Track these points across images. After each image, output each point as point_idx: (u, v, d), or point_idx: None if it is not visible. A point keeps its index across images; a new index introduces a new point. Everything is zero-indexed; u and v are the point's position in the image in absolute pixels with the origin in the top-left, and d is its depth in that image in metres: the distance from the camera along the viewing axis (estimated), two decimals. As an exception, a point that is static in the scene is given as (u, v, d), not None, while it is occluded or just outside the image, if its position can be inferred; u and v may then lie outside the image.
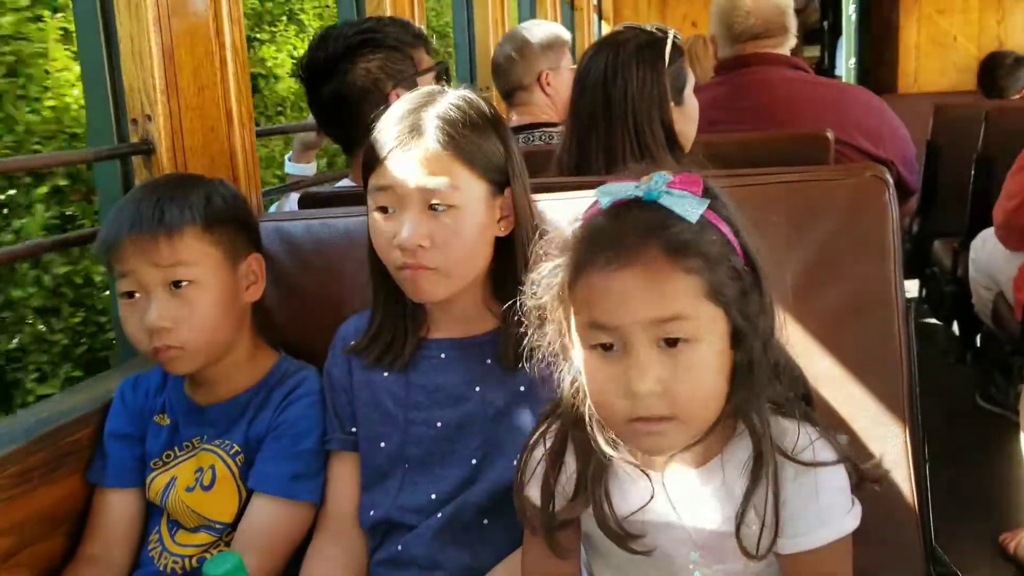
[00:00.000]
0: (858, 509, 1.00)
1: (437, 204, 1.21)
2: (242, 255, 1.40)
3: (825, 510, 0.97)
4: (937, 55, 5.91)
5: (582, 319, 0.94)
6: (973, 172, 3.58)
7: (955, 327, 3.98)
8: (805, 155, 2.42)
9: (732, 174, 1.60)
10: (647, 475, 1.03)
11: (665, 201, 0.92)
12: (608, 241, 0.92)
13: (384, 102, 1.86)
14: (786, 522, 0.97)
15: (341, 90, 1.87)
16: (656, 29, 1.93)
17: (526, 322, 1.04)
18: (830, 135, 2.45)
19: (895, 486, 1.32)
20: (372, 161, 1.25)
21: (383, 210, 1.24)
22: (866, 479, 1.01)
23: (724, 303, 0.92)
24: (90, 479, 1.42)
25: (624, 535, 1.02)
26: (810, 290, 1.36)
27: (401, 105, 1.27)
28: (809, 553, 0.98)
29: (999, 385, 3.38)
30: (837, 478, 0.98)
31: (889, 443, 1.32)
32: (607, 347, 0.92)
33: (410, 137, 1.21)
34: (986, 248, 3.24)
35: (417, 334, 1.33)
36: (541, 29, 2.94)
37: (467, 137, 1.22)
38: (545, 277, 0.99)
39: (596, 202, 0.97)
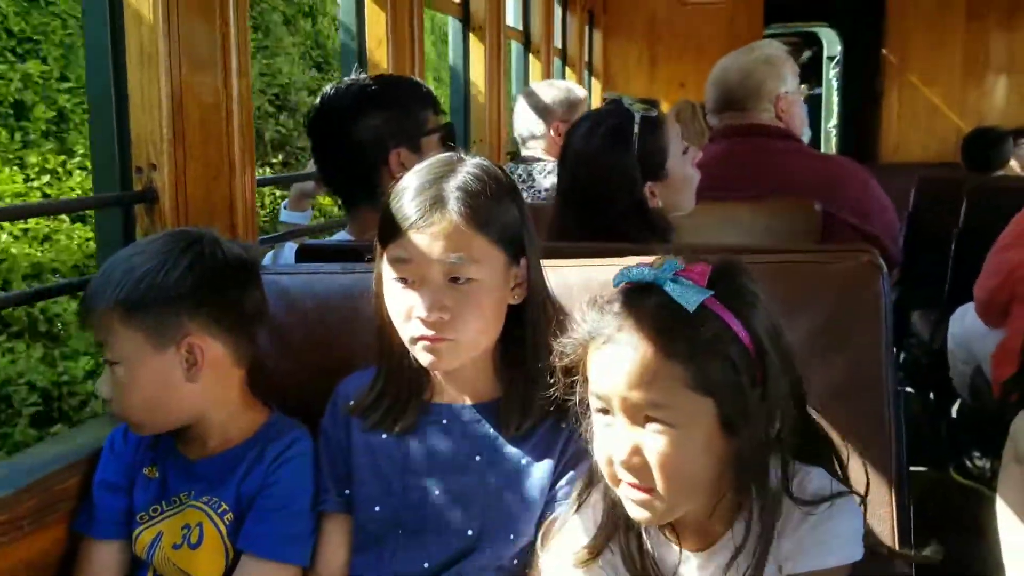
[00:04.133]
0: (861, 546, 1.05)
1: (458, 277, 1.22)
2: (174, 339, 1.33)
3: (841, 534, 1.03)
4: (919, 125, 6.03)
5: (592, 382, 1.02)
6: (954, 246, 3.65)
7: (930, 397, 4.02)
8: (793, 226, 2.48)
9: (725, 250, 1.64)
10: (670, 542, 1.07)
11: (669, 288, 0.98)
12: (612, 320, 0.99)
13: (385, 159, 1.89)
14: (804, 539, 1.02)
15: (346, 144, 1.89)
16: (628, 105, 1.97)
17: (552, 381, 1.10)
18: (818, 208, 2.51)
19: (881, 566, 1.33)
20: (392, 232, 1.24)
21: (403, 281, 1.24)
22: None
23: (712, 394, 0.97)
24: (77, 528, 1.41)
25: None
26: (801, 371, 1.38)
27: (420, 176, 1.26)
28: (812, 573, 1.02)
29: (973, 459, 3.42)
30: (853, 510, 1.05)
31: (877, 522, 1.33)
32: (605, 412, 1.01)
33: (432, 211, 1.21)
34: (966, 323, 3.29)
35: (421, 398, 1.32)
36: (555, 89, 3.30)
37: (487, 208, 1.23)
38: (568, 344, 1.05)
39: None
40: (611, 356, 0.98)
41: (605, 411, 1.00)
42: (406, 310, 1.24)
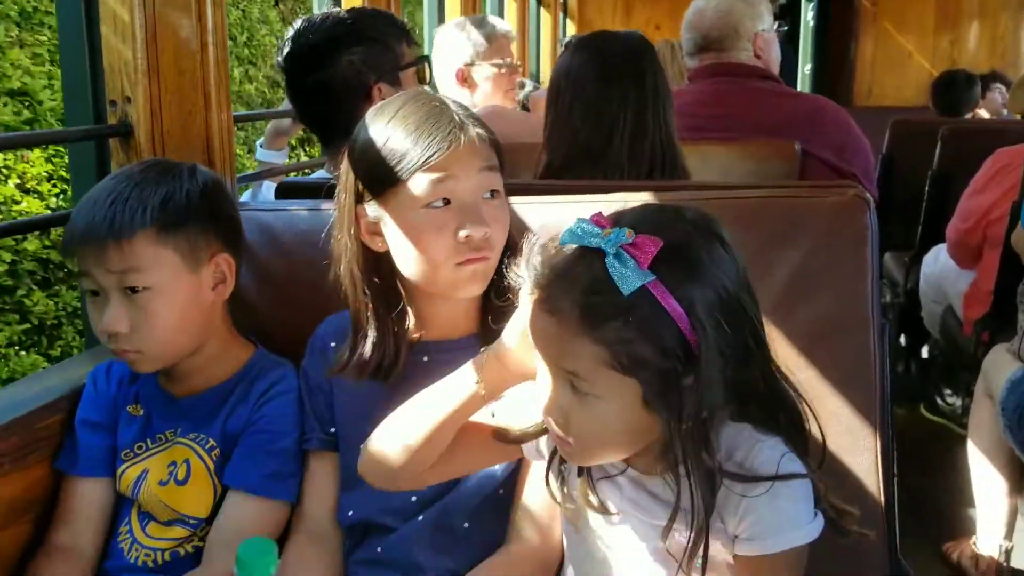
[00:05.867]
0: (819, 522, 1.00)
1: (495, 190, 1.22)
2: (206, 256, 1.34)
3: (785, 519, 0.98)
4: (892, 70, 6.04)
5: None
6: (928, 189, 3.67)
7: (902, 338, 4.08)
8: (772, 166, 2.48)
9: (712, 186, 1.64)
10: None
11: (608, 263, 0.91)
12: (546, 279, 0.94)
13: (367, 95, 1.84)
14: (747, 526, 0.98)
15: (324, 81, 1.84)
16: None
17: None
18: (797, 147, 2.51)
19: (864, 498, 1.35)
20: (411, 163, 1.18)
21: (440, 203, 1.19)
22: (837, 514, 1.02)
23: (635, 376, 0.91)
24: (59, 467, 1.39)
25: (591, 493, 1.05)
26: (788, 306, 1.38)
27: (415, 109, 1.21)
28: (765, 558, 0.99)
29: (944, 397, 3.48)
30: (800, 490, 0.99)
31: (861, 456, 1.35)
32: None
33: (460, 131, 1.19)
34: (938, 264, 3.33)
35: (406, 341, 1.29)
36: (455, 27, 2.93)
37: (488, 128, 1.24)
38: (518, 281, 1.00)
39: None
40: (540, 317, 0.94)
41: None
42: (448, 233, 1.19)
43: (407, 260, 1.23)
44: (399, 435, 1.11)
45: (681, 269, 0.92)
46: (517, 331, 1.02)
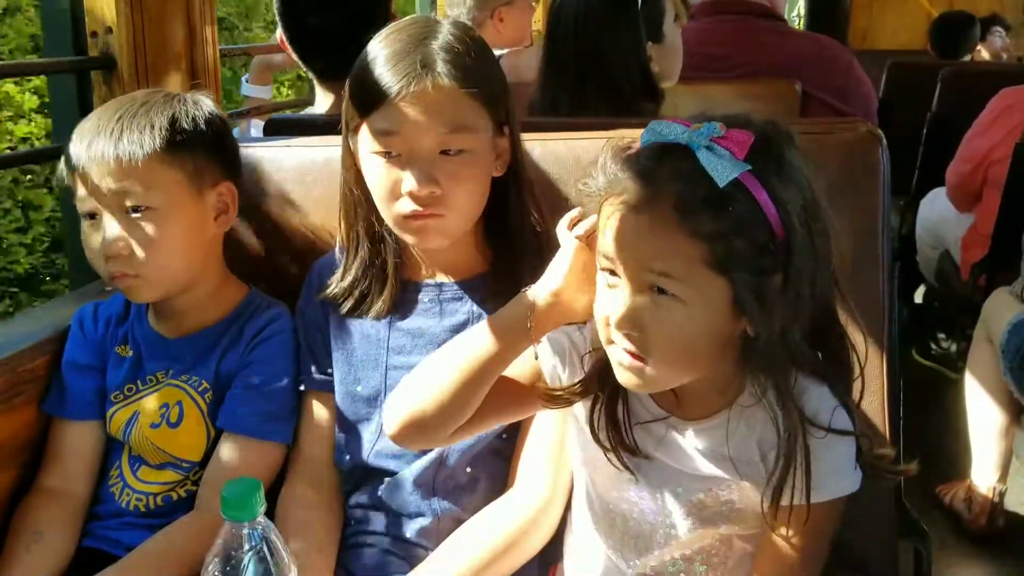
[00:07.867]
0: (859, 474, 1.00)
1: (449, 149, 1.13)
2: (209, 183, 1.31)
3: (831, 469, 0.97)
4: (889, 12, 5.94)
5: (599, 240, 0.95)
6: (926, 131, 3.62)
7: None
8: (772, 107, 2.43)
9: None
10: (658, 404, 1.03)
11: (701, 156, 0.88)
12: (632, 180, 0.91)
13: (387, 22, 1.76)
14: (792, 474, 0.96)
15: (343, 20, 1.75)
16: None
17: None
18: (798, 88, 2.46)
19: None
20: (371, 102, 1.13)
21: (387, 154, 1.14)
22: (875, 462, 1.00)
23: (728, 274, 0.89)
24: (47, 410, 1.36)
25: (625, 438, 1.02)
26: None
27: (396, 39, 1.14)
28: (806, 507, 0.97)
29: (939, 341, 3.47)
30: (848, 444, 0.98)
31: (868, 397, 1.32)
32: (611, 272, 0.94)
33: (421, 75, 1.10)
34: (935, 207, 3.30)
35: (401, 278, 1.25)
36: None
37: (476, 69, 1.14)
38: (590, 189, 0.97)
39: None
40: (627, 219, 0.90)
41: (611, 271, 0.93)
42: (391, 186, 1.14)
43: (375, 199, 1.19)
44: (437, 385, 1.03)
45: (771, 164, 0.90)
46: (566, 266, 1.00)
